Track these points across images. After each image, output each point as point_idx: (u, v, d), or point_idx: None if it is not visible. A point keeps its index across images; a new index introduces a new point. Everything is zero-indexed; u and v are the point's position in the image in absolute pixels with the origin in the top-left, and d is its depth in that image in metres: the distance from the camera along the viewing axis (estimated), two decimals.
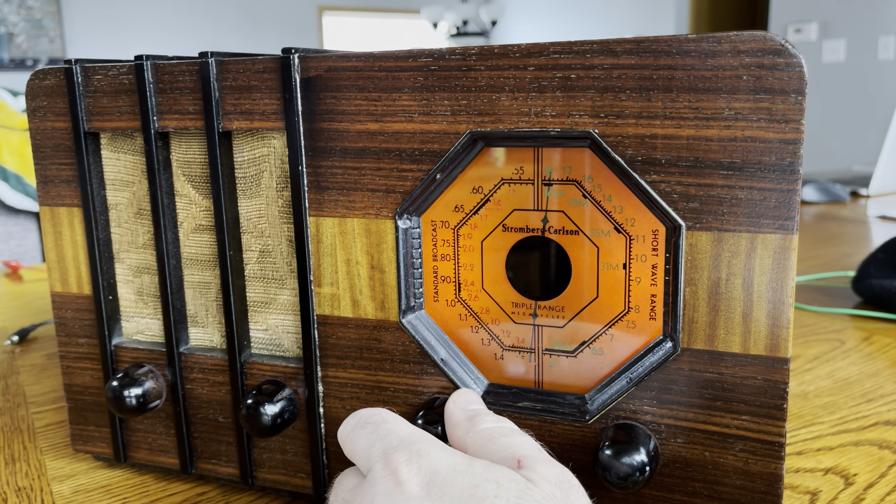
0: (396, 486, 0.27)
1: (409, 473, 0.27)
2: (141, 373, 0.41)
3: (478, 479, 0.26)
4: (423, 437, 0.29)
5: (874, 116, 4.14)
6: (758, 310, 0.30)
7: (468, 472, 0.27)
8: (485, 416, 0.32)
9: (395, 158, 0.34)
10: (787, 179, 0.29)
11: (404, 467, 0.27)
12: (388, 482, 0.27)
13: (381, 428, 0.30)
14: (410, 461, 0.27)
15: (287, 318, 0.39)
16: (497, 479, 0.26)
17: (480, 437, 0.30)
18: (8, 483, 0.43)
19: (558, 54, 0.31)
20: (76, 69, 0.39)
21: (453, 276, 0.36)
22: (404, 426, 0.30)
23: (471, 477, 0.26)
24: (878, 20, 4.12)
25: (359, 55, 0.34)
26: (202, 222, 0.40)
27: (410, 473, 0.27)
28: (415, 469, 0.27)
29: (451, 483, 0.26)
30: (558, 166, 0.33)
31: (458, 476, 0.26)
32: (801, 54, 0.28)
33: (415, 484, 0.26)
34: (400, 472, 0.27)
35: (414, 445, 0.28)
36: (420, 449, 0.28)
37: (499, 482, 0.26)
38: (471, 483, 0.26)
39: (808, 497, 0.40)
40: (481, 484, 0.26)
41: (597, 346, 0.34)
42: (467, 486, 0.26)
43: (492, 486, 0.26)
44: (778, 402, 0.31)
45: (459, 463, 0.27)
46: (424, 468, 0.27)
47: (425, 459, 0.27)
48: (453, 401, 0.33)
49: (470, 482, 0.26)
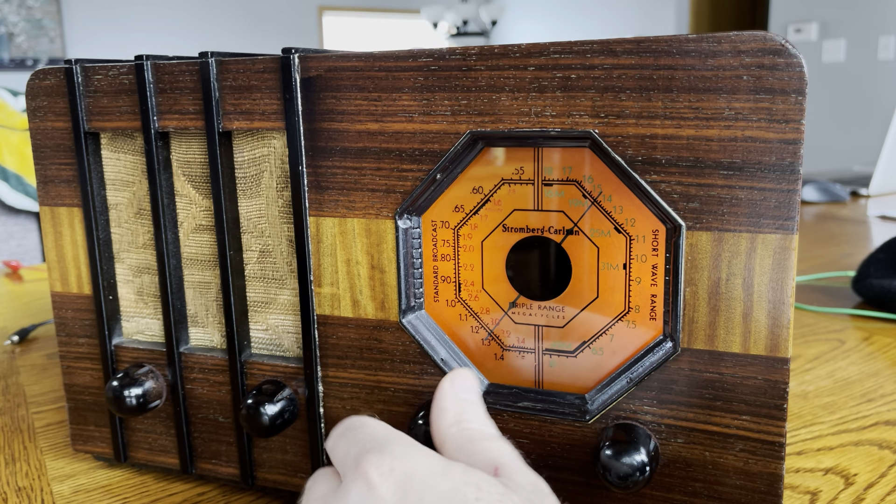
0: (368, 490, 0.26)
1: (380, 477, 0.26)
2: (141, 373, 0.41)
3: (457, 483, 0.26)
4: (398, 439, 0.28)
5: (874, 116, 4.14)
6: (758, 310, 0.30)
7: (446, 475, 0.26)
8: (473, 413, 0.31)
9: (395, 158, 0.34)
10: (787, 179, 0.29)
11: (374, 470, 0.26)
12: (359, 487, 0.26)
13: (358, 433, 0.29)
14: (381, 464, 0.26)
15: (287, 318, 0.39)
16: (477, 483, 0.26)
17: (463, 434, 0.30)
18: (8, 483, 0.43)
19: (558, 54, 0.31)
20: (76, 69, 0.39)
21: (453, 276, 0.36)
22: (381, 429, 0.29)
23: (449, 481, 0.26)
24: (878, 20, 4.12)
25: (359, 55, 0.34)
26: (202, 222, 0.40)
27: (382, 477, 0.26)
28: (386, 471, 0.26)
29: (427, 486, 0.25)
30: (558, 166, 0.33)
31: (435, 479, 0.26)
32: (801, 54, 0.28)
33: (387, 488, 0.25)
34: (370, 476, 0.26)
35: (387, 447, 0.27)
36: (393, 450, 0.27)
37: (479, 486, 0.26)
38: (450, 487, 0.25)
39: (808, 497, 0.40)
40: (461, 488, 0.25)
41: (597, 346, 0.34)
42: (446, 489, 0.25)
43: (472, 490, 0.25)
44: (778, 402, 0.31)
45: (436, 466, 0.26)
46: (398, 471, 0.26)
47: (399, 462, 0.26)
48: (451, 381, 0.32)
49: (449, 486, 0.25)
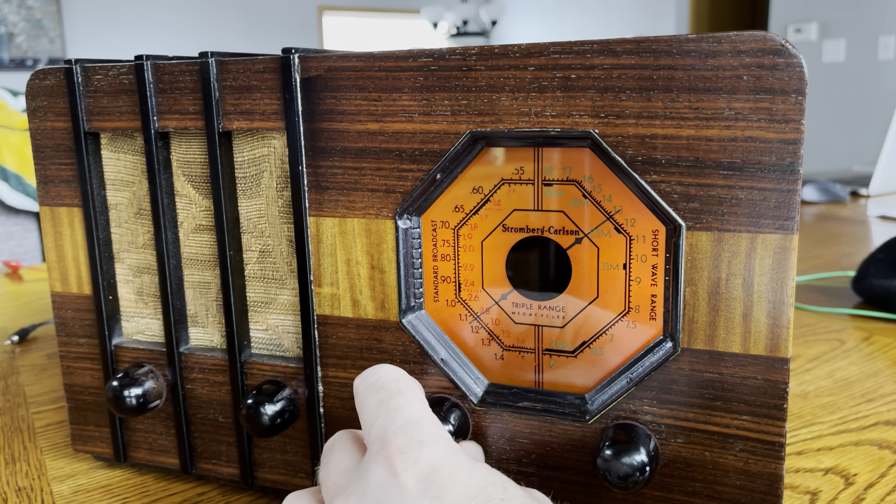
0: (391, 476, 0.25)
1: (405, 464, 0.25)
2: (141, 373, 0.41)
3: (484, 482, 0.25)
4: (430, 423, 0.27)
5: (874, 116, 4.14)
6: (758, 310, 0.30)
7: (473, 473, 0.25)
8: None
9: (395, 158, 0.34)
10: (788, 179, 0.29)
11: (399, 457, 0.25)
12: (382, 471, 0.25)
13: (391, 400, 0.28)
14: (408, 450, 0.25)
15: (287, 318, 0.39)
16: (504, 483, 0.25)
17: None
18: (8, 483, 0.43)
19: (558, 54, 0.31)
20: (76, 69, 0.39)
21: (453, 276, 0.36)
22: (415, 404, 0.28)
23: (476, 479, 0.25)
24: (878, 20, 4.12)
25: (359, 55, 0.34)
26: (202, 222, 0.40)
27: (407, 464, 0.25)
28: (412, 460, 0.25)
29: (453, 481, 0.25)
30: (558, 166, 0.33)
31: (461, 475, 0.25)
32: (801, 54, 0.28)
33: (411, 477, 0.25)
34: (395, 462, 0.25)
35: (417, 433, 0.26)
36: (423, 438, 0.26)
37: (505, 487, 0.25)
38: (477, 485, 0.25)
39: (808, 497, 0.40)
40: (487, 487, 0.25)
41: (597, 346, 0.34)
42: (473, 487, 0.25)
43: (498, 490, 0.25)
44: (778, 402, 0.31)
45: (464, 462, 0.26)
46: (424, 461, 0.25)
47: (427, 451, 0.25)
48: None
49: (476, 484, 0.25)
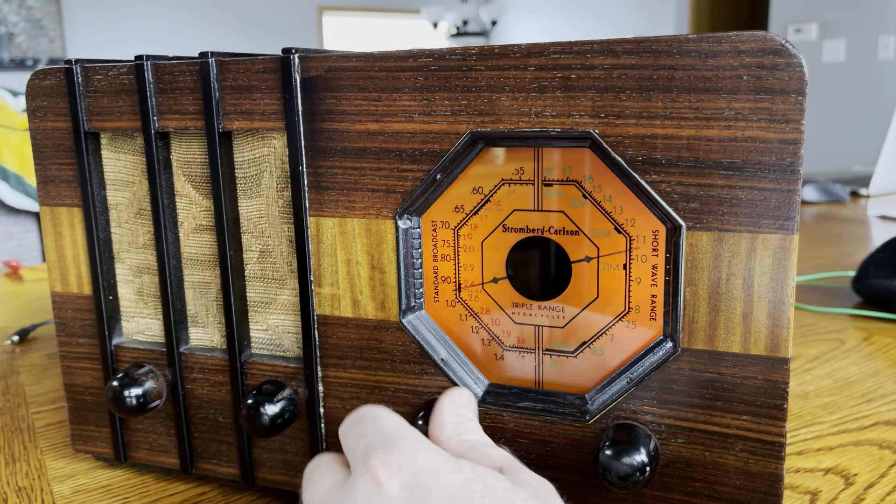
0: (376, 487, 0.26)
1: (387, 474, 0.26)
2: (141, 373, 0.41)
3: (465, 480, 0.26)
4: (409, 436, 0.28)
5: (874, 116, 4.14)
6: (758, 310, 0.30)
7: (454, 472, 0.26)
8: (472, 427, 0.32)
9: (395, 158, 0.34)
10: (788, 179, 0.29)
11: (382, 467, 0.26)
12: (367, 483, 0.26)
13: (369, 425, 0.29)
14: (389, 460, 0.26)
15: (287, 318, 0.39)
16: (484, 479, 0.26)
17: (463, 444, 0.30)
18: (8, 483, 0.43)
19: (558, 54, 0.31)
20: (76, 69, 0.39)
21: (453, 277, 0.36)
22: (392, 422, 0.29)
23: (457, 477, 0.26)
24: (878, 20, 4.12)
25: (359, 55, 0.34)
26: (202, 222, 0.40)
27: (390, 474, 0.26)
28: (395, 469, 0.26)
29: (435, 483, 0.26)
30: (558, 166, 0.33)
31: (442, 476, 0.26)
32: (801, 54, 0.28)
33: (395, 485, 0.26)
34: (378, 473, 0.26)
35: (396, 444, 0.27)
36: (402, 447, 0.27)
37: (486, 482, 0.26)
38: (458, 483, 0.26)
39: (808, 497, 0.40)
40: (468, 484, 0.26)
41: (597, 346, 0.34)
42: (454, 486, 0.25)
43: (479, 486, 0.25)
44: (778, 402, 0.31)
45: (444, 462, 0.27)
46: (406, 468, 0.26)
47: (407, 458, 0.27)
48: (450, 399, 0.33)
49: (457, 482, 0.26)
